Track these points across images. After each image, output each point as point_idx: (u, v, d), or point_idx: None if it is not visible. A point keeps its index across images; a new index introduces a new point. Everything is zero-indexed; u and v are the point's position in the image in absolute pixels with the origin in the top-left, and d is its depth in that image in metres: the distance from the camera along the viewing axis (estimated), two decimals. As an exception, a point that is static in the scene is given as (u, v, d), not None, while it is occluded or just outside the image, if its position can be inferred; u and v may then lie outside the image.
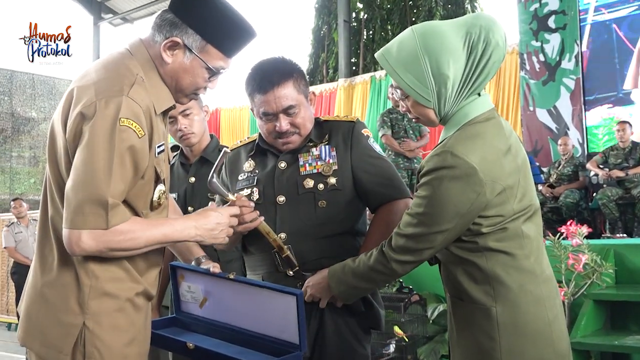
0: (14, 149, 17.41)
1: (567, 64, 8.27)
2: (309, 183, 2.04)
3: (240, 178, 2.18)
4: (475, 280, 1.64)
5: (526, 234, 1.64)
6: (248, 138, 2.30)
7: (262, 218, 1.95)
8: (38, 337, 1.62)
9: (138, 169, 1.58)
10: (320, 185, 2.03)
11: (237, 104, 12.80)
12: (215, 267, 1.97)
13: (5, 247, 8.88)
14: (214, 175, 1.90)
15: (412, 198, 1.90)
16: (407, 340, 3.94)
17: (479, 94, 1.67)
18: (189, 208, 2.69)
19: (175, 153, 2.99)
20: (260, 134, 2.17)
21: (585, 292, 3.57)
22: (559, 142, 7.80)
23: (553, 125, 8.32)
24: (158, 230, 1.62)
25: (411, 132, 7.19)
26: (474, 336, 1.65)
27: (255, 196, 2.09)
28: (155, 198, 1.68)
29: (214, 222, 1.73)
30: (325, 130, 2.13)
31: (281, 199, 2.06)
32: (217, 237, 1.74)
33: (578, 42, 8.19)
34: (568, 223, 3.72)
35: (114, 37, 15.93)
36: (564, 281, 3.52)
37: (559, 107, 8.29)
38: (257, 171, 2.14)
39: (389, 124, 7.18)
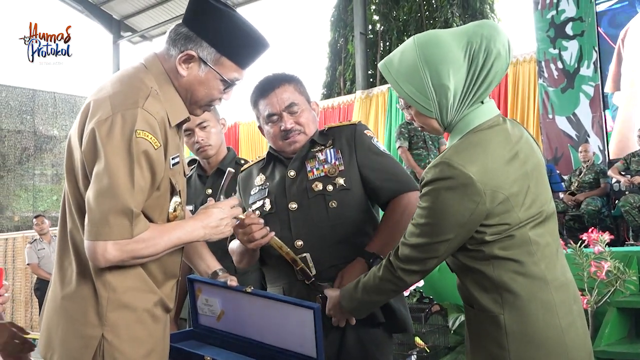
0: (36, 167, 17.64)
1: (586, 70, 8.22)
2: (318, 186, 2.08)
3: (252, 193, 2.23)
4: (484, 289, 1.63)
5: (535, 240, 1.61)
6: (258, 157, 2.35)
7: (273, 233, 1.98)
8: (57, 350, 1.64)
9: (155, 179, 1.61)
10: (329, 187, 2.07)
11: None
12: (232, 281, 1.97)
13: (28, 264, 8.97)
14: (221, 197, 1.94)
15: (420, 191, 1.87)
16: (428, 351, 3.91)
17: (482, 102, 1.65)
18: (207, 220, 2.72)
19: (192, 166, 3.02)
20: (270, 146, 2.23)
21: (609, 299, 3.53)
22: (580, 149, 7.72)
23: (573, 133, 8.26)
24: (173, 235, 1.65)
25: (430, 142, 7.16)
26: (484, 344, 1.64)
27: (268, 206, 2.13)
28: (170, 210, 1.70)
29: (217, 219, 1.75)
30: (329, 136, 2.18)
31: (293, 205, 2.09)
32: (222, 232, 1.76)
33: (596, 48, 8.14)
34: (589, 230, 3.68)
35: (133, 54, 16.12)
36: (586, 289, 3.48)
37: (578, 114, 8.23)
38: (267, 183, 2.19)
39: (406, 135, 7.17)
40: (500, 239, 1.59)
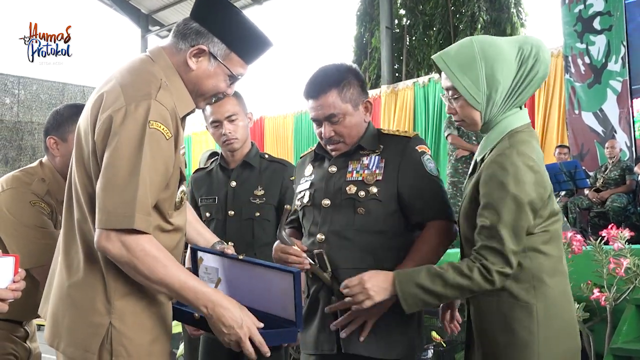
0: (66, 158, 17.89)
1: (614, 65, 8.11)
2: (352, 189, 2.08)
3: (300, 182, 2.27)
4: (517, 278, 1.75)
5: (560, 236, 1.80)
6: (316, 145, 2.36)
7: (308, 266, 2.05)
8: (64, 338, 1.67)
9: (167, 169, 1.64)
10: (361, 193, 2.06)
11: (281, 112, 12.91)
12: (228, 249, 2.02)
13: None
14: (282, 230, 2.07)
15: (454, 222, 2.02)
16: (444, 345, 3.92)
17: (520, 107, 1.83)
18: (230, 212, 2.78)
19: (213, 159, 3.07)
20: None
21: (628, 297, 3.50)
22: (606, 145, 7.63)
23: (599, 129, 8.16)
24: (181, 276, 1.61)
25: (474, 137, 7.13)
26: (514, 328, 1.75)
27: (306, 199, 2.18)
28: (177, 199, 1.73)
29: (228, 323, 1.63)
30: (381, 141, 2.15)
31: (326, 202, 2.12)
32: (221, 334, 1.65)
33: (624, 43, 8.02)
34: (609, 227, 3.65)
35: None
36: (605, 286, 3.46)
37: (605, 109, 8.13)
38: (313, 176, 2.22)
39: (455, 125, 7.14)
40: (540, 232, 1.76)
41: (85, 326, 1.64)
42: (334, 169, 2.15)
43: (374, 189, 2.06)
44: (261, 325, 1.69)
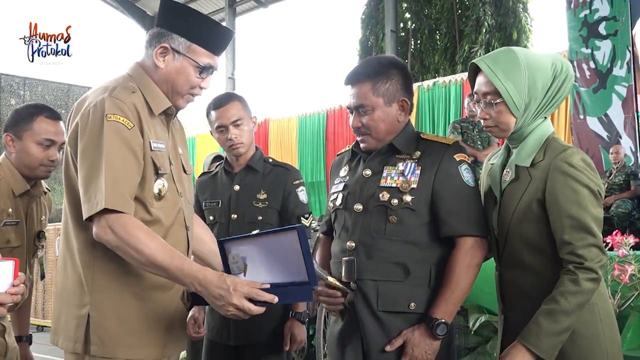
0: (70, 160, 17.96)
1: (619, 71, 8.09)
2: (385, 196, 2.03)
3: (335, 182, 2.25)
4: None
5: None
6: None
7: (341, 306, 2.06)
8: (61, 334, 1.81)
9: (137, 156, 1.75)
10: (395, 200, 2.02)
11: (286, 114, 12.91)
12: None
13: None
14: (315, 262, 1.98)
15: (485, 238, 1.99)
16: (448, 350, 3.91)
17: (545, 118, 1.92)
18: (233, 215, 2.80)
19: (218, 163, 3.08)
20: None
21: (632, 303, 3.48)
22: (611, 150, 7.62)
23: (604, 134, 8.14)
24: (164, 253, 1.70)
25: (479, 143, 7.12)
26: (578, 328, 1.78)
27: (339, 202, 2.15)
28: (155, 191, 1.81)
29: (217, 293, 1.69)
30: (420, 146, 2.10)
31: (358, 207, 2.08)
32: (219, 308, 1.72)
33: (630, 48, 8.00)
34: (614, 233, 3.64)
35: (248, 21, 15.23)
36: (609, 292, 3.44)
37: (610, 115, 8.11)
38: (347, 177, 2.19)
39: (460, 130, 7.14)
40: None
41: (72, 319, 1.78)
42: (368, 172, 2.11)
43: (408, 198, 2.00)
44: (261, 285, 1.73)
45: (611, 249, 3.59)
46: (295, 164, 11.47)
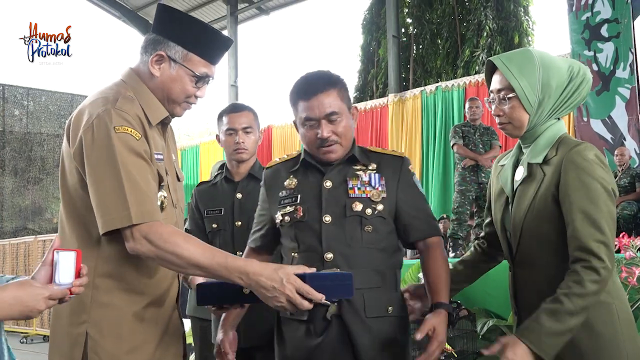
0: (74, 169, 17.99)
1: (622, 72, 8.10)
2: (358, 206, 2.05)
3: (281, 195, 2.16)
4: None
5: None
6: (287, 156, 2.30)
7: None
8: (57, 352, 1.78)
9: (150, 165, 1.74)
10: (368, 210, 2.04)
11: (289, 121, 12.86)
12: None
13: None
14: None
15: (442, 237, 2.17)
16: (455, 355, 3.89)
17: (558, 119, 1.93)
18: (237, 223, 2.83)
19: (218, 172, 3.09)
20: (304, 149, 2.17)
21: (640, 306, 3.46)
22: (616, 152, 7.61)
23: (608, 136, 8.14)
24: (205, 252, 1.69)
25: (481, 146, 7.10)
26: (598, 329, 1.78)
27: (299, 214, 2.09)
28: (158, 204, 1.78)
29: (269, 285, 1.65)
30: (372, 159, 2.14)
31: (327, 218, 2.05)
32: (268, 299, 1.68)
33: (632, 50, 8.00)
34: (621, 235, 3.63)
35: (250, 28, 15.31)
36: (617, 295, 3.43)
37: (614, 117, 8.11)
38: (299, 188, 2.13)
39: (461, 134, 7.12)
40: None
41: (67, 337, 1.74)
42: (329, 184, 2.09)
43: (380, 207, 2.06)
44: (309, 270, 1.71)
45: (618, 251, 3.57)
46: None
